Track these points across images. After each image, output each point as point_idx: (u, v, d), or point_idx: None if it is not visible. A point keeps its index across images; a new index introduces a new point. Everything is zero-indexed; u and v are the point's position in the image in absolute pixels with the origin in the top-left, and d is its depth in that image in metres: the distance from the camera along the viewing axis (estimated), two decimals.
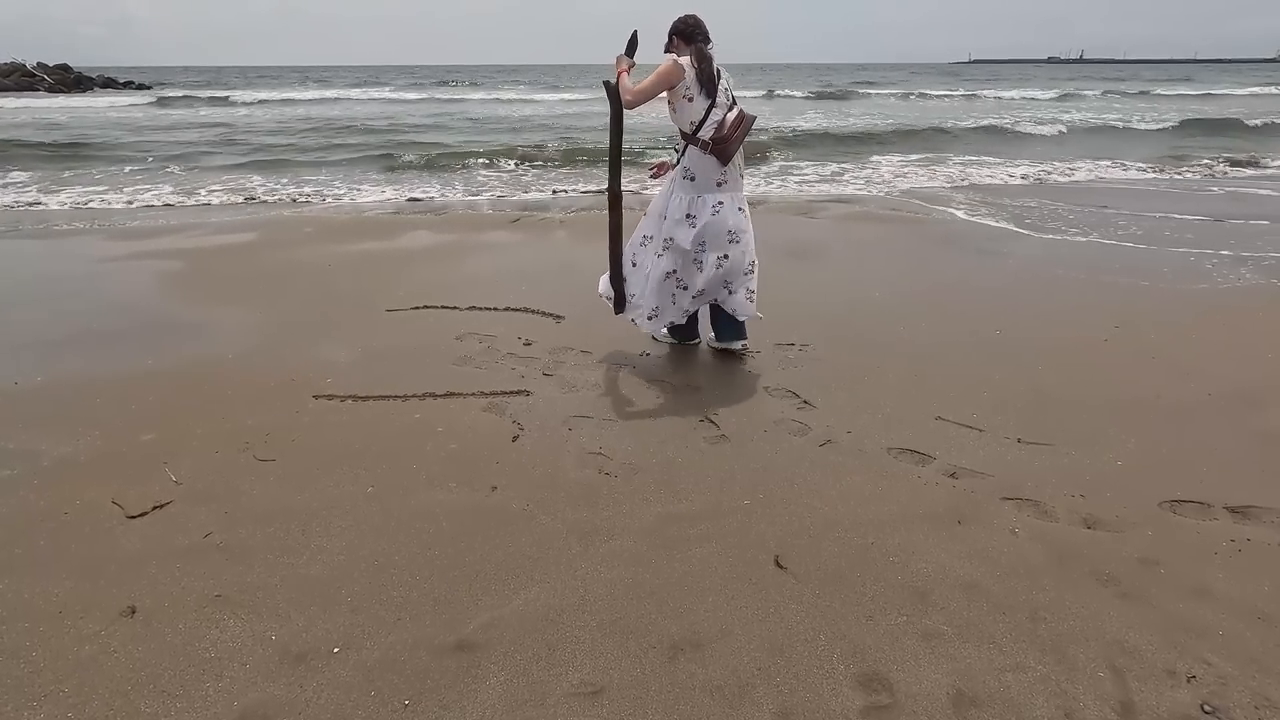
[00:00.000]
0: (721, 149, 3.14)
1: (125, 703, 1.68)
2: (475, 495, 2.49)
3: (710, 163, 3.17)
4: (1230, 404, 3.12)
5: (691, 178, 3.20)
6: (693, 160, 3.19)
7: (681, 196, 3.25)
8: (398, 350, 3.73)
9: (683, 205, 3.24)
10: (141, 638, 1.86)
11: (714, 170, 3.17)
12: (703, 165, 3.18)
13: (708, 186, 3.20)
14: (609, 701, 1.68)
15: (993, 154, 12.51)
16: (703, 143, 3.14)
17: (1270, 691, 1.69)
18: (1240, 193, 8.82)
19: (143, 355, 3.67)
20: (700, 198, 3.22)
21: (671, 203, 3.29)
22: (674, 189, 3.29)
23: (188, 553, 2.18)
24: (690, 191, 3.22)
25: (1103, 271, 5.17)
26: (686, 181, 3.22)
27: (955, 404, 3.11)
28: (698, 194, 3.21)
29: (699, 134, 3.14)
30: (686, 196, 3.24)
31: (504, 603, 1.99)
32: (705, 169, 3.18)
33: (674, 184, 3.30)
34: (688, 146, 3.20)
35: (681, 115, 3.19)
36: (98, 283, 4.97)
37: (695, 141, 3.15)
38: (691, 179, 3.20)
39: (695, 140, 3.15)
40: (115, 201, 8.47)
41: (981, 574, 2.09)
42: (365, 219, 7.23)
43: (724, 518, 2.36)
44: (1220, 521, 2.34)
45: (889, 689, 1.71)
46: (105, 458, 2.71)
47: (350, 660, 1.79)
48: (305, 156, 12.54)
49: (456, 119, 19.84)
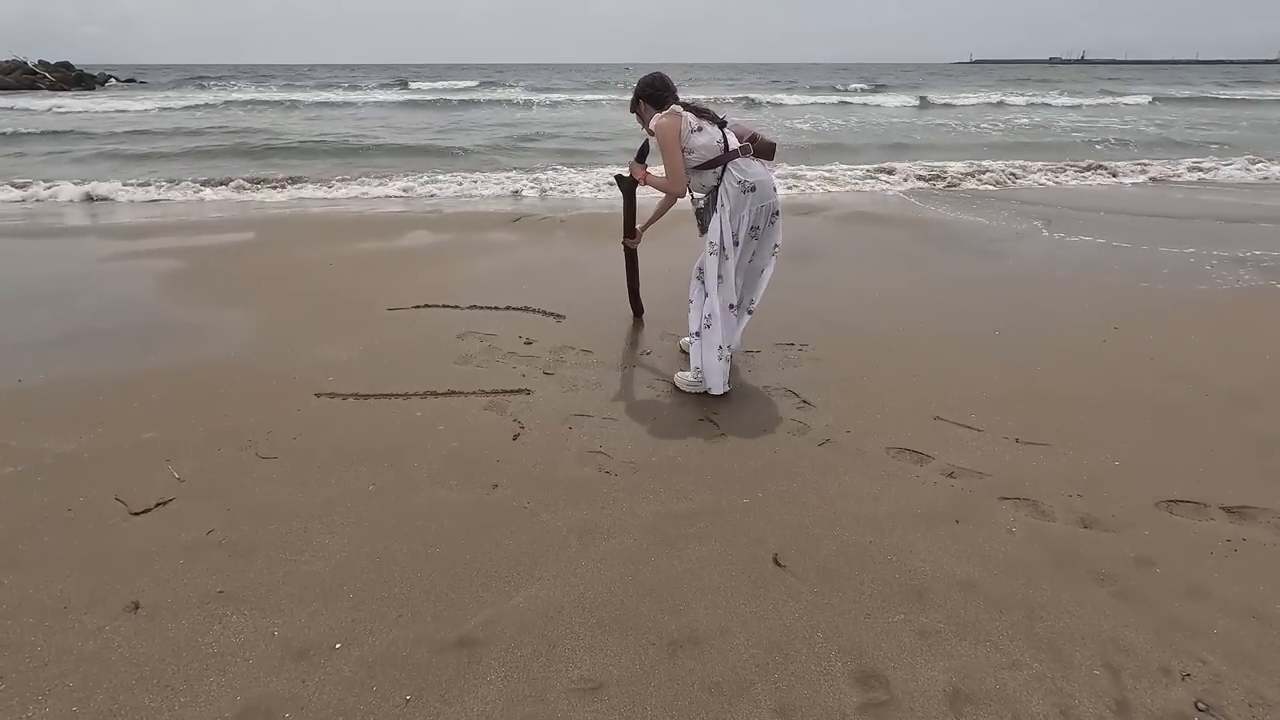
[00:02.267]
0: (764, 145, 3.03)
1: (129, 697, 1.69)
2: (476, 493, 2.50)
3: (759, 165, 3.01)
4: (1227, 405, 3.13)
5: (752, 188, 2.95)
6: (743, 171, 2.95)
7: (743, 215, 2.98)
8: (399, 349, 3.74)
9: (746, 221, 2.99)
10: (145, 633, 1.88)
11: (765, 172, 3.00)
12: (755, 170, 2.97)
13: (766, 193, 2.99)
14: (608, 698, 1.70)
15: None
16: (742, 147, 2.98)
17: (1264, 689, 1.71)
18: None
19: (145, 354, 3.68)
20: (762, 206, 2.99)
21: (732, 226, 2.99)
22: (729, 212, 2.97)
23: (190, 549, 2.20)
24: (755, 203, 2.97)
25: (1102, 272, 5.18)
26: (748, 194, 2.95)
27: (954, 404, 3.12)
28: (760, 203, 2.98)
29: (729, 148, 2.97)
30: (749, 210, 2.98)
31: (504, 599, 2.00)
32: (759, 172, 2.98)
33: (725, 210, 2.97)
34: (725, 169, 2.95)
35: (701, 149, 2.95)
36: (99, 282, 4.98)
37: (735, 155, 2.96)
38: (752, 189, 2.95)
39: (733, 155, 2.96)
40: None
41: (979, 573, 2.10)
42: (366, 218, 7.25)
43: (723, 516, 2.37)
44: (1216, 521, 2.35)
45: (886, 686, 1.73)
46: (108, 455, 2.73)
47: (352, 656, 1.81)
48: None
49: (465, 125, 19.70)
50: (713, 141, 2.95)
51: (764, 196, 2.99)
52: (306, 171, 10.33)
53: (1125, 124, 18.01)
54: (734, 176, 2.95)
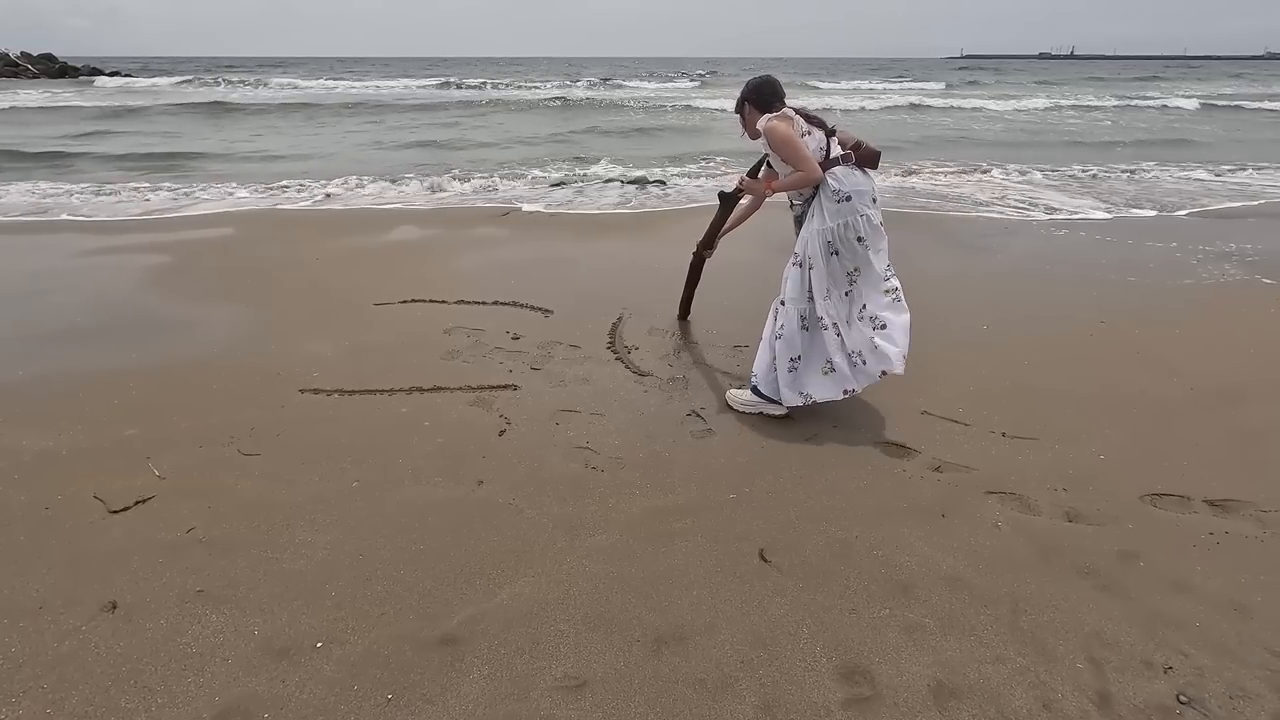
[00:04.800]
0: (868, 154, 2.87)
1: (105, 698, 1.67)
2: (461, 489, 2.48)
3: (859, 174, 2.85)
4: (1212, 399, 3.15)
5: (846, 197, 2.79)
6: (839, 180, 2.80)
7: (833, 226, 2.81)
8: (385, 344, 3.71)
9: (841, 232, 2.80)
10: (123, 633, 1.85)
11: (865, 180, 2.84)
12: (853, 179, 2.82)
13: (864, 203, 2.81)
14: (592, 695, 1.69)
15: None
16: (844, 155, 2.84)
17: (1245, 681, 1.72)
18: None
19: (126, 350, 3.64)
20: (861, 217, 2.80)
21: (823, 237, 2.82)
22: (821, 222, 2.82)
23: (170, 548, 2.17)
24: (850, 213, 2.80)
25: (1089, 267, 5.20)
26: (842, 204, 2.79)
27: (941, 398, 3.12)
28: (857, 213, 2.80)
29: (831, 155, 2.84)
30: (844, 220, 2.80)
31: (488, 597, 1.99)
32: (857, 182, 2.82)
33: (817, 221, 2.83)
34: (824, 176, 2.81)
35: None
36: (80, 277, 4.91)
37: (835, 163, 2.82)
38: (846, 198, 2.79)
39: (833, 163, 2.82)
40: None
41: (964, 567, 2.10)
42: (353, 213, 7.19)
43: (709, 512, 2.37)
44: (1200, 515, 2.36)
45: (870, 681, 1.73)
46: (88, 453, 2.69)
47: (333, 655, 1.79)
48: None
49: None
50: (817, 148, 2.84)
51: (860, 207, 2.80)
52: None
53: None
54: (829, 186, 2.81)
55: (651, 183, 8.81)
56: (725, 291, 4.36)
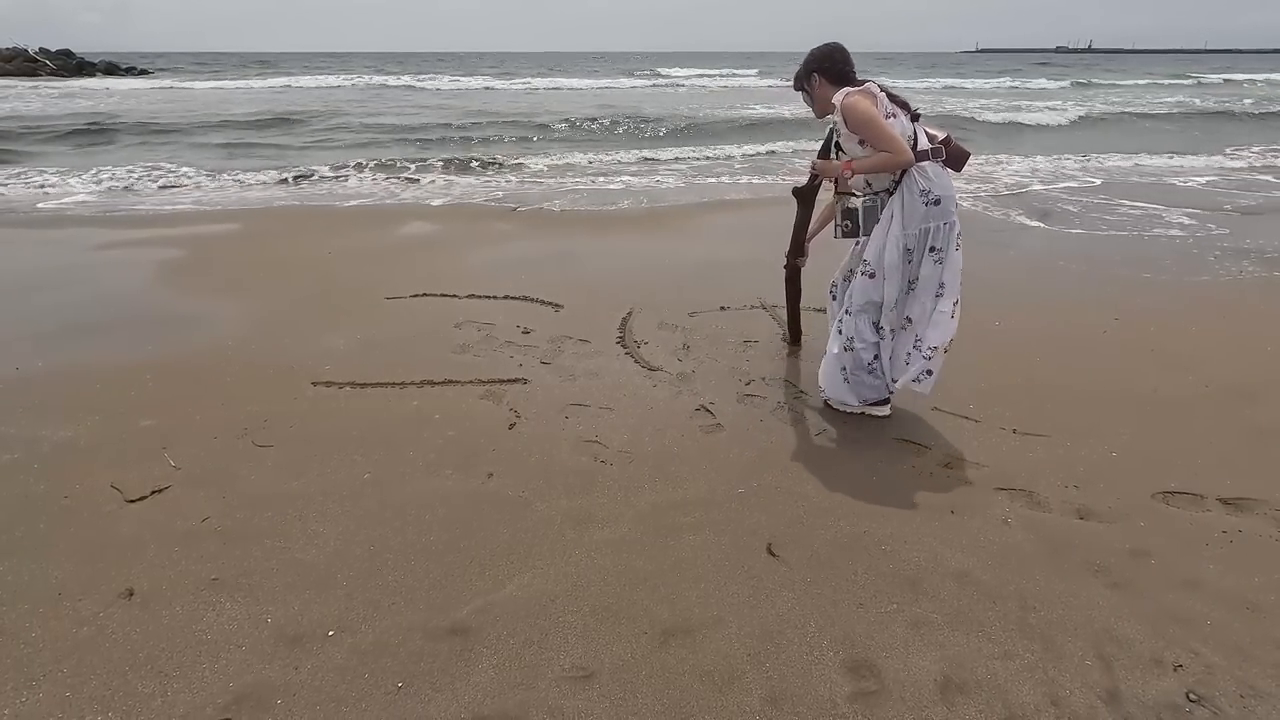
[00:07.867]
0: (957, 152, 2.58)
1: (122, 683, 1.70)
2: (471, 482, 2.50)
3: (948, 176, 2.58)
4: (1227, 397, 3.11)
5: (936, 201, 2.52)
6: (928, 179, 2.52)
7: (915, 232, 2.57)
8: (396, 338, 3.73)
9: (920, 239, 2.58)
10: (139, 620, 1.88)
11: (952, 184, 2.58)
12: (943, 181, 2.55)
13: (950, 209, 2.56)
14: (599, 685, 1.70)
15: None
16: (934, 149, 2.53)
17: (1256, 680, 1.70)
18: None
19: (142, 343, 3.68)
20: (945, 224, 2.57)
21: (900, 244, 2.59)
22: (900, 225, 2.57)
23: (186, 537, 2.20)
24: (936, 218, 2.54)
25: (1104, 263, 5.15)
26: (930, 208, 2.52)
27: (952, 394, 3.11)
28: (942, 219, 2.55)
29: (919, 147, 2.52)
30: (927, 226, 2.56)
31: (498, 588, 2.00)
32: (946, 185, 2.55)
33: (895, 223, 2.58)
34: (907, 172, 2.53)
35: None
36: (96, 271, 4.98)
37: (925, 157, 2.53)
38: (936, 202, 2.52)
39: (923, 156, 2.53)
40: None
41: (973, 563, 2.10)
42: (365, 209, 7.23)
43: (718, 506, 2.37)
44: (1213, 513, 2.34)
45: (877, 675, 1.73)
46: (105, 443, 2.73)
47: (345, 643, 1.81)
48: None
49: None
50: (904, 135, 2.48)
51: (946, 213, 2.54)
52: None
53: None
54: (916, 184, 2.49)
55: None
56: (734, 287, 4.35)
